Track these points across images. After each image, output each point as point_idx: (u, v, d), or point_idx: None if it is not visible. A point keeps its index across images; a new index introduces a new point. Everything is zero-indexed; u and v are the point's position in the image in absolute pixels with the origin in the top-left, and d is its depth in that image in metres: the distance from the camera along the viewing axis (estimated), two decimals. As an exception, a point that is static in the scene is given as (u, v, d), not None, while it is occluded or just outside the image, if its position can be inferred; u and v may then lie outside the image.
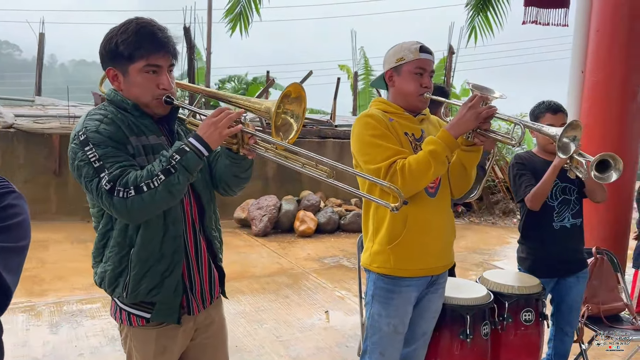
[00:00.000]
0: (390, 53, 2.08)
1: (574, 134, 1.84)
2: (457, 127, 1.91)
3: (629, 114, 4.98)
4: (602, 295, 3.08)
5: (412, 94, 2.05)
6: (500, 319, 2.52)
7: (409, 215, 2.01)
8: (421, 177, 1.90)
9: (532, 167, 2.71)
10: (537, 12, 4.59)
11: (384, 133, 1.98)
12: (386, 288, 2.07)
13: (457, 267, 5.87)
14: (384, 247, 2.04)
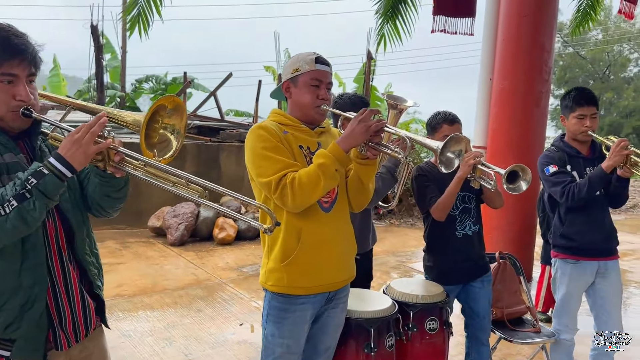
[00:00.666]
0: (288, 64, 2.05)
1: (458, 148, 1.83)
2: (347, 140, 1.87)
3: (533, 119, 5.24)
4: (506, 299, 3.16)
5: (308, 106, 2.01)
6: (405, 329, 2.51)
7: (302, 231, 1.96)
8: (311, 191, 1.85)
9: (434, 177, 2.72)
10: (445, 21, 4.71)
11: (276, 146, 1.93)
12: (280, 307, 2.01)
13: (375, 270, 5.92)
14: (278, 264, 1.97)
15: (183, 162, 7.45)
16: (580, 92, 2.83)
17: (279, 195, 1.85)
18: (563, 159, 2.83)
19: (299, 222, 1.95)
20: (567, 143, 2.89)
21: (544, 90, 5.14)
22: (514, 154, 5.15)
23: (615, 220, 9.02)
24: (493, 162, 5.68)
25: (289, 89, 2.05)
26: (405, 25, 4.62)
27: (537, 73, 5.05)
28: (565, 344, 2.93)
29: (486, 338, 2.82)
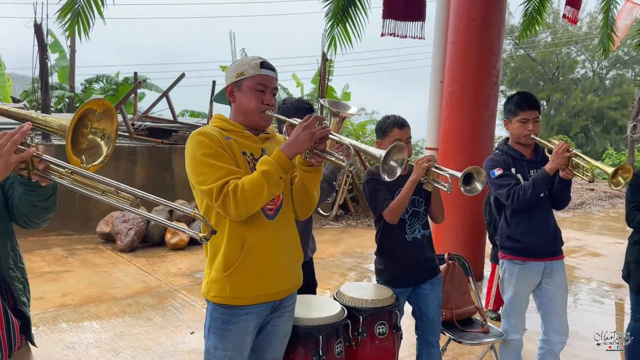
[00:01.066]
0: (231, 67, 2.00)
1: (401, 156, 1.83)
2: (292, 147, 1.83)
3: (482, 121, 5.34)
4: (455, 300, 3.20)
5: (252, 111, 1.97)
6: (355, 334, 2.49)
7: (246, 239, 1.90)
8: (255, 199, 1.81)
9: (385, 181, 2.72)
10: (394, 24, 4.75)
11: (218, 152, 1.86)
12: (222, 319, 1.94)
13: (333, 272, 5.91)
14: (220, 274, 1.91)
15: (133, 165, 7.24)
16: (522, 97, 2.89)
17: (221, 204, 1.79)
18: (508, 162, 2.89)
19: (242, 230, 1.90)
20: (511, 147, 2.94)
21: (492, 93, 5.25)
22: (465, 156, 5.25)
23: (564, 217, 9.37)
24: (444, 164, 5.76)
25: (232, 93, 1.99)
26: (355, 28, 4.63)
27: (485, 76, 5.16)
28: (513, 343, 2.98)
29: (436, 340, 2.84)
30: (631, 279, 3.07)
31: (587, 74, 31.69)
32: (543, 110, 31.55)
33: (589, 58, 30.63)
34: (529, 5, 6.66)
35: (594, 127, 29.81)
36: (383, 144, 2.76)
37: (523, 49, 30.49)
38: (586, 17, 28.29)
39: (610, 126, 29.25)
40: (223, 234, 1.89)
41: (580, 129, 29.70)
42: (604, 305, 5.07)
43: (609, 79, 31.41)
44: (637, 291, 3.04)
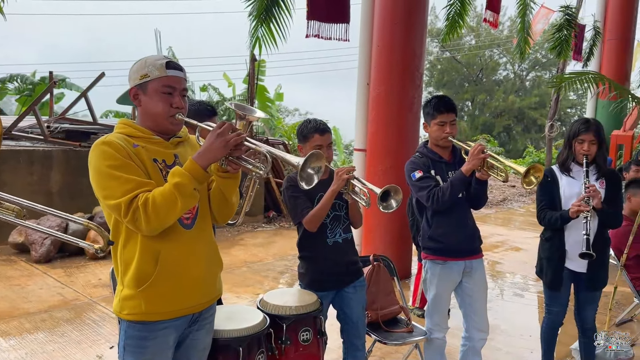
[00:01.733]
0: (134, 68, 1.87)
1: (318, 164, 1.79)
2: (205, 156, 1.74)
3: (408, 123, 5.45)
4: (380, 301, 3.23)
5: (161, 115, 1.85)
6: (278, 343, 2.44)
7: (161, 251, 1.80)
8: (167, 213, 1.71)
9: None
10: (319, 26, 4.74)
11: (124, 163, 1.74)
12: (139, 336, 1.83)
13: (265, 276, 5.82)
14: (134, 290, 1.79)
15: (48, 170, 6.80)
16: (439, 100, 2.94)
17: (131, 219, 1.69)
18: (427, 165, 2.94)
19: (157, 242, 1.79)
20: (430, 149, 3.00)
21: (416, 96, 5.37)
22: (391, 157, 5.35)
23: (487, 214, 9.74)
24: (372, 165, 5.87)
25: (137, 96, 1.86)
26: (280, 28, 4.59)
27: (410, 79, 5.27)
28: (437, 342, 3.04)
29: (361, 343, 2.84)
30: (544, 275, 3.21)
31: (509, 75, 33.37)
32: (468, 110, 32.94)
33: (510, 60, 32.25)
34: (451, 9, 6.89)
35: (515, 127, 31.42)
36: (304, 149, 2.73)
37: (449, 51, 31.66)
38: (507, 21, 29.75)
39: (530, 125, 30.96)
40: (135, 248, 1.79)
41: (503, 128, 31.22)
42: (524, 299, 5.31)
43: (528, 81, 33.24)
44: (550, 286, 3.18)
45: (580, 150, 3.03)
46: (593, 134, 3.00)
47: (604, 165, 3.09)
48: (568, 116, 31.02)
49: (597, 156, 3.05)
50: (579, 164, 3.06)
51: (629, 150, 8.05)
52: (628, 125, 8.25)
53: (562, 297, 3.19)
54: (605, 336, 3.42)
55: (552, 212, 3.08)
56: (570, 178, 3.09)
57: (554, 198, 3.10)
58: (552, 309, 3.25)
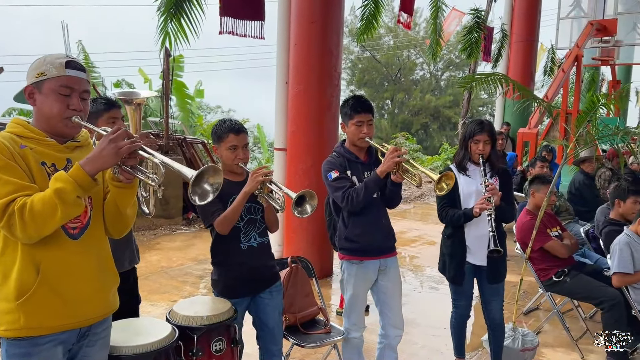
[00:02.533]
0: (33, 65, 1.77)
1: (217, 180, 1.70)
2: (94, 162, 1.63)
3: (327, 122, 5.46)
4: (299, 303, 3.19)
5: (55, 117, 1.74)
6: (189, 355, 2.34)
7: (42, 262, 1.69)
8: (45, 220, 1.59)
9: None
10: (233, 22, 4.63)
11: (7, 164, 1.63)
12: (21, 353, 1.70)
13: (183, 281, 5.60)
14: (12, 303, 1.67)
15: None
16: (357, 101, 2.95)
17: (6, 224, 1.59)
18: (344, 165, 2.93)
19: (38, 251, 1.68)
20: (347, 149, 2.99)
21: (334, 95, 5.39)
22: (312, 156, 5.33)
23: (406, 209, 10.01)
24: (293, 164, 5.81)
25: (33, 94, 1.75)
26: (192, 24, 4.42)
27: (327, 78, 5.28)
28: (354, 341, 3.05)
29: (277, 349, 2.79)
30: (447, 271, 3.32)
31: (425, 75, 34.65)
32: (388, 109, 33.86)
33: (426, 61, 33.49)
34: (366, 10, 7.00)
35: (432, 124, 32.72)
36: (219, 150, 2.65)
37: (369, 51, 32.36)
38: (423, 22, 30.84)
39: (445, 123, 32.34)
40: (15, 256, 1.68)
41: (421, 126, 32.39)
42: (439, 292, 5.49)
43: (443, 80, 34.68)
44: (454, 281, 3.30)
45: (476, 150, 3.17)
46: (487, 134, 3.16)
47: (497, 164, 3.26)
48: (480, 114, 32.69)
49: (491, 155, 3.21)
50: (474, 163, 3.21)
51: (534, 147, 8.58)
52: (533, 123, 8.80)
53: (467, 291, 3.32)
54: (513, 327, 3.59)
55: (454, 210, 3.20)
56: (467, 177, 3.23)
57: (454, 196, 3.21)
58: (459, 303, 3.38)
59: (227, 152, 2.60)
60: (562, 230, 4.26)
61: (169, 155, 8.02)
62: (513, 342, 3.48)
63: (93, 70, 14.32)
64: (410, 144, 20.64)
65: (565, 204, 5.85)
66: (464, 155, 3.25)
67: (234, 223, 2.55)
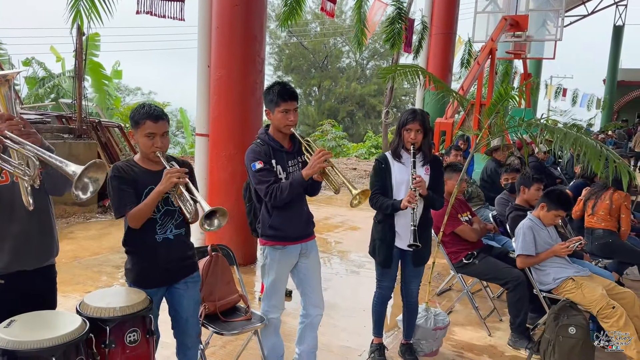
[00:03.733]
0: None
1: (96, 175, 1.64)
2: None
3: (250, 107, 5.41)
4: (219, 291, 3.17)
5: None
6: (102, 347, 2.26)
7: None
8: None
9: (133, 178, 2.51)
10: (151, 2, 4.47)
11: None
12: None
13: (99, 271, 5.38)
14: None
15: None
16: (282, 88, 2.90)
17: None
18: (268, 154, 2.91)
19: None
20: (271, 136, 2.97)
21: (258, 81, 5.34)
22: (235, 142, 5.28)
23: (330, 196, 10.09)
24: (216, 151, 5.71)
25: None
26: (105, 2, 4.20)
27: (251, 63, 5.22)
28: (272, 321, 3.10)
29: (192, 341, 2.76)
30: (377, 254, 3.43)
31: (351, 63, 35.14)
32: (315, 95, 34.05)
33: (352, 49, 33.95)
34: (289, -2, 6.97)
35: (357, 112, 33.32)
36: (135, 136, 2.53)
37: (296, 37, 32.26)
38: (349, 10, 31.17)
39: (370, 111, 33.06)
40: None
41: (347, 113, 32.90)
42: (359, 276, 5.65)
43: (369, 69, 35.36)
44: (383, 265, 3.41)
45: (408, 139, 3.26)
46: (419, 123, 3.24)
47: (429, 153, 3.36)
48: (403, 103, 33.70)
49: (423, 144, 3.29)
50: (408, 150, 3.29)
51: (450, 136, 8.99)
52: (449, 114, 9.20)
53: (392, 273, 3.45)
54: (425, 307, 3.77)
55: (384, 199, 3.30)
56: (401, 165, 3.32)
57: (385, 184, 3.32)
58: (383, 284, 3.51)
59: (144, 139, 2.48)
60: (472, 215, 4.51)
61: (82, 139, 7.62)
62: (426, 322, 3.66)
63: None
64: (336, 131, 20.95)
65: (476, 191, 6.18)
66: (398, 143, 3.32)
67: (146, 218, 2.46)
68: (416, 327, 3.65)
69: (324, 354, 3.58)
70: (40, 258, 2.38)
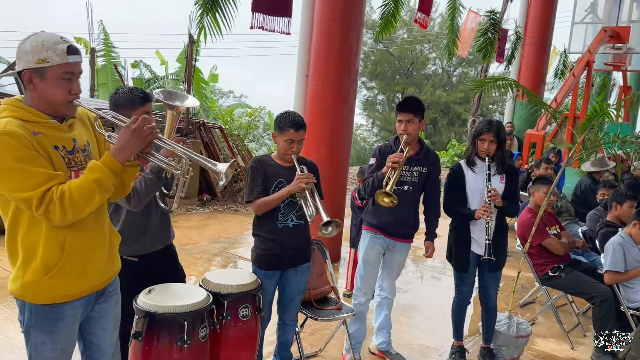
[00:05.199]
0: (28, 48, 1.76)
1: (230, 172, 1.95)
2: (123, 152, 1.80)
3: (342, 116, 5.73)
4: (313, 282, 3.49)
5: (59, 102, 1.83)
6: (220, 318, 2.64)
7: (66, 238, 1.85)
8: (84, 206, 1.76)
9: (267, 170, 2.93)
10: (263, 18, 4.90)
11: (30, 155, 1.71)
12: (48, 317, 1.89)
13: (198, 258, 5.92)
14: (39, 276, 1.83)
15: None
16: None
17: (44, 212, 1.70)
18: (388, 154, 3.28)
19: (62, 230, 1.83)
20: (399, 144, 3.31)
21: (351, 90, 5.65)
22: (326, 148, 5.61)
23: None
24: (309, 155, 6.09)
25: (32, 80, 1.78)
26: (225, 18, 4.69)
27: (345, 73, 5.54)
28: (358, 307, 3.50)
29: (290, 319, 3.13)
30: (453, 259, 3.61)
31: (437, 70, 34.67)
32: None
33: (439, 56, 33.52)
34: (386, 9, 7.22)
35: (441, 120, 32.81)
36: (277, 138, 2.92)
37: (382, 44, 32.39)
38: (438, 17, 30.84)
39: (454, 119, 32.43)
40: (39, 235, 1.81)
41: (430, 121, 32.48)
42: (440, 282, 5.79)
43: (455, 77, 34.70)
44: (458, 269, 3.59)
45: (482, 148, 3.42)
46: (493, 134, 3.37)
47: (504, 163, 3.47)
48: (490, 112, 32.75)
49: (497, 154, 3.43)
50: (482, 159, 3.45)
51: (540, 149, 8.81)
52: (540, 126, 9.01)
53: (470, 278, 3.61)
54: (508, 315, 3.88)
55: (459, 208, 3.49)
56: (474, 173, 3.47)
57: (460, 191, 3.50)
58: (462, 289, 3.66)
59: (284, 143, 2.88)
60: (561, 229, 4.53)
61: (188, 137, 8.32)
62: (508, 329, 3.77)
63: (112, 50, 14.60)
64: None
65: (566, 205, 6.09)
66: (472, 151, 3.51)
67: (269, 209, 2.88)
68: (498, 333, 3.76)
69: (404, 351, 3.80)
70: (164, 241, 2.87)
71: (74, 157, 1.87)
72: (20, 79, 1.81)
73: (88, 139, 2.00)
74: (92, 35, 13.58)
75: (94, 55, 13.22)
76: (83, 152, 1.93)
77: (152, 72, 16.66)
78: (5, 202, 1.80)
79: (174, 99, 2.34)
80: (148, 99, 2.60)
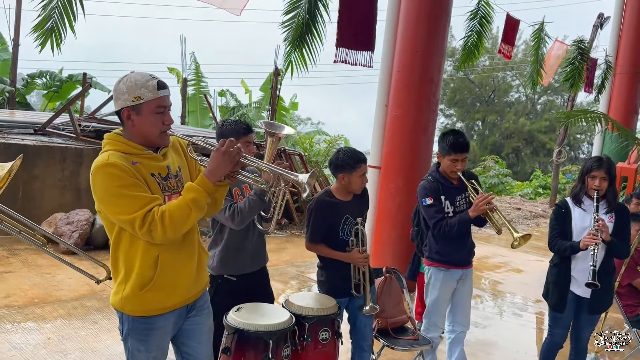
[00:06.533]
0: (123, 89, 1.97)
1: (312, 181, 2.09)
2: (216, 173, 1.96)
3: (421, 145, 5.78)
4: (390, 310, 3.54)
5: (154, 134, 2.02)
6: (300, 340, 2.76)
7: (160, 256, 2.02)
8: (182, 224, 1.94)
9: (333, 209, 3.09)
10: (346, 53, 5.12)
11: (132, 182, 1.91)
12: (143, 327, 2.08)
13: (276, 280, 6.13)
14: (136, 292, 2.02)
15: (79, 167, 7.18)
16: (455, 140, 3.25)
17: (147, 231, 1.87)
18: (438, 190, 3.31)
19: (156, 249, 1.99)
20: (441, 174, 3.36)
21: (431, 120, 5.71)
22: (403, 176, 5.69)
23: (490, 234, 9.87)
24: (386, 182, 6.19)
25: (130, 116, 1.98)
26: (310, 53, 4.96)
27: (425, 104, 5.61)
28: (433, 341, 3.44)
29: (367, 344, 3.19)
30: (549, 298, 3.46)
31: (521, 98, 33.61)
32: (478, 130, 33.16)
33: (523, 83, 32.53)
34: (468, 40, 7.23)
35: (524, 149, 31.63)
36: (350, 176, 3.04)
37: (463, 71, 31.98)
38: (522, 44, 30.06)
39: (539, 149, 31.15)
40: (137, 252, 1.99)
41: (512, 149, 31.43)
42: (522, 319, 5.59)
43: (540, 104, 33.47)
44: (555, 309, 3.40)
45: (592, 186, 3.24)
46: (604, 171, 3.22)
47: (614, 201, 3.30)
48: (577, 142, 31.22)
49: (608, 192, 3.27)
50: (590, 197, 3.26)
51: (632, 183, 8.32)
52: (632, 159, 8.52)
53: (565, 320, 3.40)
54: (595, 357, 3.70)
55: (563, 242, 3.30)
56: (582, 210, 3.30)
57: (565, 228, 3.33)
58: (555, 331, 3.46)
59: (359, 178, 3.04)
60: (653, 269, 4.27)
61: (269, 164, 8.68)
62: (594, 372, 3.60)
63: (202, 80, 15.59)
64: (499, 168, 20.23)
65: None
66: (580, 189, 3.34)
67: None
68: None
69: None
70: (260, 263, 3.09)
71: (167, 182, 2.08)
72: (120, 117, 2.02)
73: (180, 164, 2.20)
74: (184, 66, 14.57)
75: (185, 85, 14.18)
76: (175, 177, 2.13)
77: (237, 100, 17.52)
78: (110, 224, 2.02)
79: (273, 128, 2.58)
80: (250, 130, 2.90)
